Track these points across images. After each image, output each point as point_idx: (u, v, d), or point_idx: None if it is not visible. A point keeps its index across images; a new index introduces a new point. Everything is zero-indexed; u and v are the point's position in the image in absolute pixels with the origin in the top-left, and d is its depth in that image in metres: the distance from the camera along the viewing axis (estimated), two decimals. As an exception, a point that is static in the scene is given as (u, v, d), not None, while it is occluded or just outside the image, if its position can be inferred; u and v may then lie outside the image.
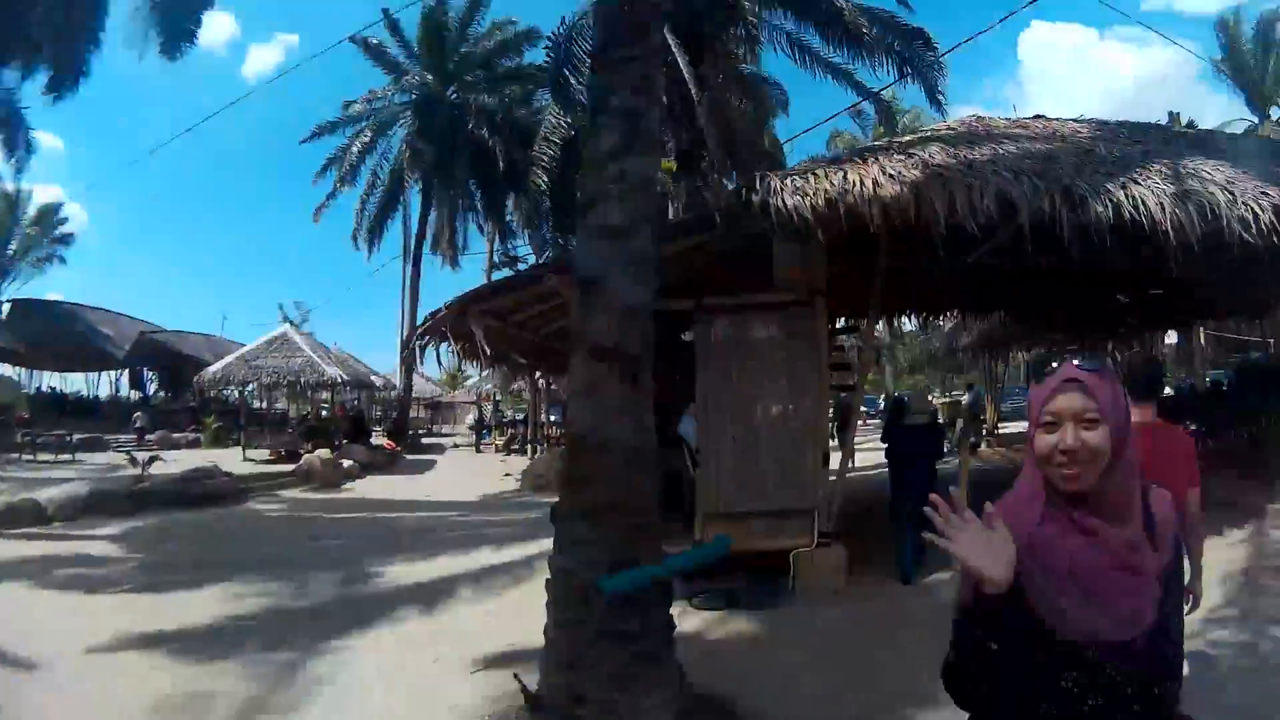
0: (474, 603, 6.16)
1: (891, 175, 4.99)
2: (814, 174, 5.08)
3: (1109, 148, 6.18)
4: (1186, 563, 3.06)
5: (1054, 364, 1.36)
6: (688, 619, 5.43)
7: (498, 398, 29.62)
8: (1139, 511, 1.36)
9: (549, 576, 3.53)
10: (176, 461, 13.57)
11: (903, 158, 5.30)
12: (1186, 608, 3.21)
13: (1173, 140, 6.89)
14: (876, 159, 5.30)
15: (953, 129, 6.84)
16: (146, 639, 4.94)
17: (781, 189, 4.84)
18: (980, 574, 1.22)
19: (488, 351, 6.18)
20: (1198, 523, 3.10)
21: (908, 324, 20.78)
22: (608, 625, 3.30)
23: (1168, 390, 18.90)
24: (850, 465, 7.95)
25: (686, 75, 12.61)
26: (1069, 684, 1.29)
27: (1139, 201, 5.18)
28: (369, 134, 22.55)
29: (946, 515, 1.26)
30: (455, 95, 22.33)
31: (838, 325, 9.69)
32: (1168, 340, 18.56)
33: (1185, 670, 1.40)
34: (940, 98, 13.82)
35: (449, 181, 21.75)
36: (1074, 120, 7.45)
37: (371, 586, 6.61)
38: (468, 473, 16.78)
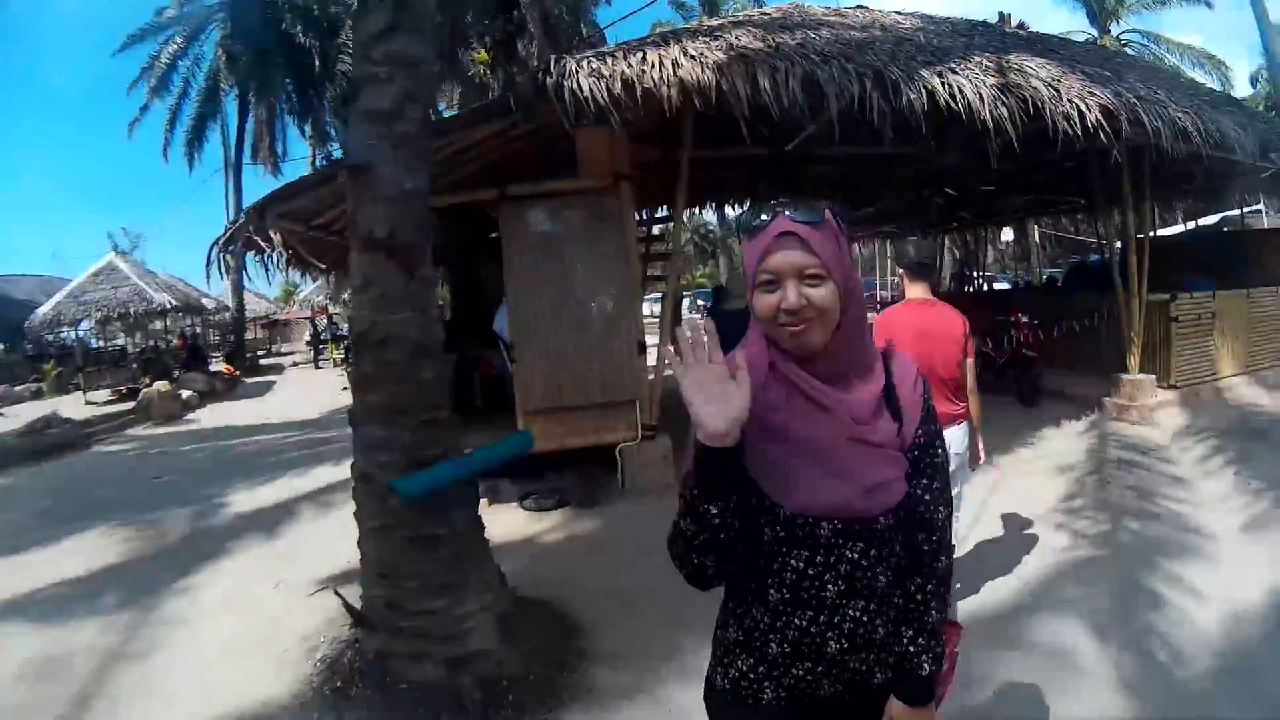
0: (315, 521, 6.11)
1: (693, 57, 4.82)
2: (612, 56, 4.85)
3: (930, 38, 6.13)
4: (961, 443, 3.31)
5: (764, 216, 1.20)
6: (521, 523, 5.52)
7: (332, 310, 28.39)
8: (875, 376, 1.27)
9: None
10: (18, 416, 12.70)
11: (708, 40, 5.13)
12: (971, 468, 3.49)
13: (1002, 38, 6.91)
14: (680, 41, 5.11)
15: (767, 14, 6.69)
16: (4, 607, 4.73)
17: (577, 71, 4.60)
18: (701, 421, 1.08)
19: (283, 253, 5.79)
20: (974, 390, 3.33)
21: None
22: (413, 530, 3.23)
23: (1003, 284, 20.31)
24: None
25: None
26: (801, 564, 1.21)
27: (957, 90, 5.17)
28: (181, 39, 20.41)
29: (694, 346, 1.11)
30: (269, -8, 20.32)
31: (657, 215, 9.69)
32: (1004, 237, 19.06)
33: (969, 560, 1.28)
34: (763, -12, 13.61)
35: (266, 84, 20.08)
36: (897, 12, 7.31)
37: (218, 518, 6.46)
38: (307, 390, 16.43)
